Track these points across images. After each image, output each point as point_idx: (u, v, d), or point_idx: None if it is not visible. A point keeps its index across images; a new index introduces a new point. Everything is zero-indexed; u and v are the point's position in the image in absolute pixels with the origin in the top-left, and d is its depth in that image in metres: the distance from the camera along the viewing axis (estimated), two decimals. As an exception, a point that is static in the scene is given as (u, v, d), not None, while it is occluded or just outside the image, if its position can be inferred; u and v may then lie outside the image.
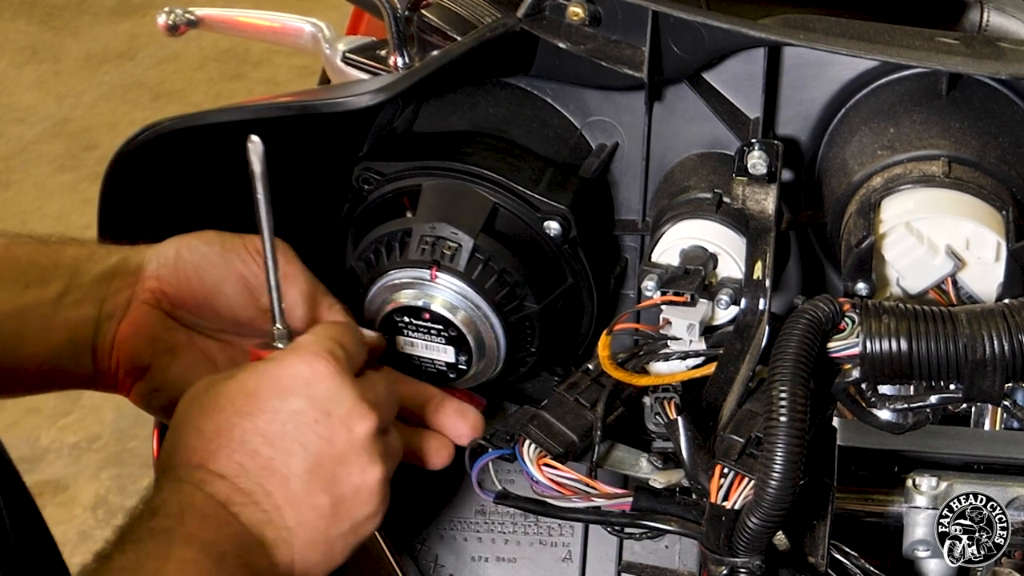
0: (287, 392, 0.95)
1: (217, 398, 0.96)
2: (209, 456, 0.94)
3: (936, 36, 1.07)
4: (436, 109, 1.15)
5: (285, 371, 0.96)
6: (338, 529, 0.97)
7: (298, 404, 0.95)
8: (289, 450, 0.94)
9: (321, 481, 0.95)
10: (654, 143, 1.13)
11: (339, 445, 0.95)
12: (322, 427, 0.95)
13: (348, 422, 0.95)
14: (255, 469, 0.94)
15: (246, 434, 0.94)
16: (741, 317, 1.01)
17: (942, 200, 1.00)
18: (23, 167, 3.81)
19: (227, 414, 0.95)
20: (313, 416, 0.95)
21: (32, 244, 1.09)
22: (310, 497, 0.95)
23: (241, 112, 1.11)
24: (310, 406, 0.95)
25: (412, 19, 1.17)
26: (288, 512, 0.95)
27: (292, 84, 3.94)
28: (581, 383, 1.05)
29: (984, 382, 0.92)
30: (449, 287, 1.06)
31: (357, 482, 0.96)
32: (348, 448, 0.96)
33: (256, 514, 0.94)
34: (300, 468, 0.94)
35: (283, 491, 0.94)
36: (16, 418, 2.99)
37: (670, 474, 1.02)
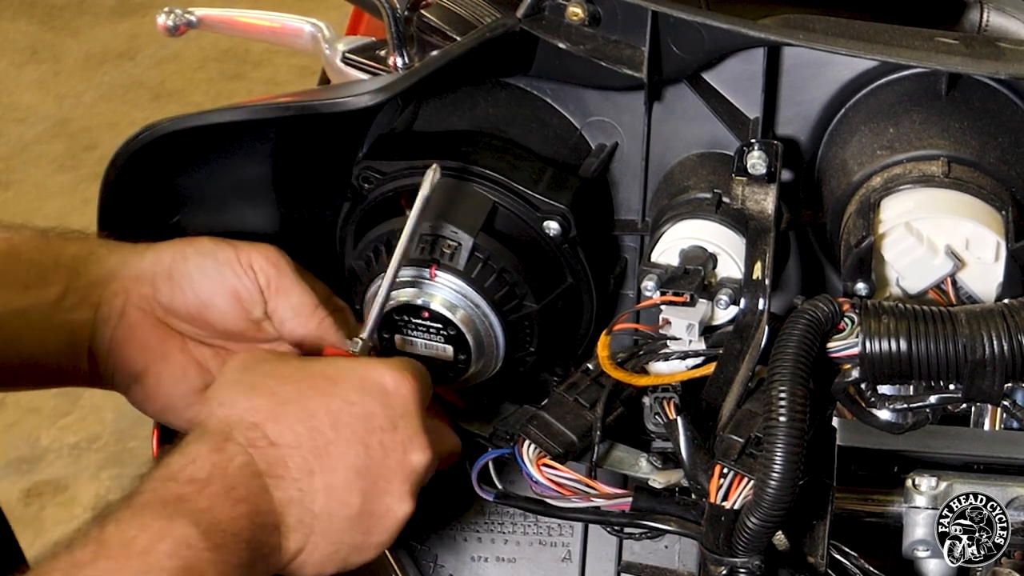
0: (366, 392, 0.97)
1: (295, 371, 0.97)
2: (274, 418, 0.95)
3: (936, 36, 1.07)
4: (436, 109, 1.15)
5: (372, 373, 0.97)
6: (352, 537, 0.97)
7: (372, 407, 0.96)
8: (349, 441, 0.95)
9: (362, 484, 0.96)
10: (654, 143, 1.13)
11: (392, 462, 0.97)
12: (386, 437, 0.96)
13: (408, 445, 0.97)
14: (310, 446, 0.95)
15: (318, 409, 0.95)
16: (741, 317, 1.01)
17: (942, 200, 1.00)
18: (23, 167, 3.81)
19: (303, 387, 0.96)
20: (381, 424, 0.96)
21: (34, 240, 1.09)
22: (346, 493, 0.96)
23: (241, 112, 1.11)
24: (383, 413, 0.96)
25: (412, 19, 1.17)
26: (321, 498, 0.95)
27: (292, 84, 3.94)
28: (581, 383, 1.05)
29: (984, 382, 0.92)
30: (448, 286, 1.06)
31: (389, 504, 0.97)
32: (398, 468, 0.97)
33: (290, 492, 0.94)
34: (351, 463, 0.95)
35: (326, 478, 0.95)
36: (16, 418, 2.99)
37: (669, 474, 1.02)
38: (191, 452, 0.93)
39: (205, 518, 0.89)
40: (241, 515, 0.91)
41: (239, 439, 0.94)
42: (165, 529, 0.88)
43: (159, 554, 0.87)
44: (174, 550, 0.87)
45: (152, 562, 0.86)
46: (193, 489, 0.90)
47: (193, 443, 0.94)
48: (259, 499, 0.93)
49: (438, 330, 1.07)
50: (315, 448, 0.95)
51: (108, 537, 0.87)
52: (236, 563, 0.91)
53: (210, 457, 0.92)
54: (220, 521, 0.90)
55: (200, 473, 0.91)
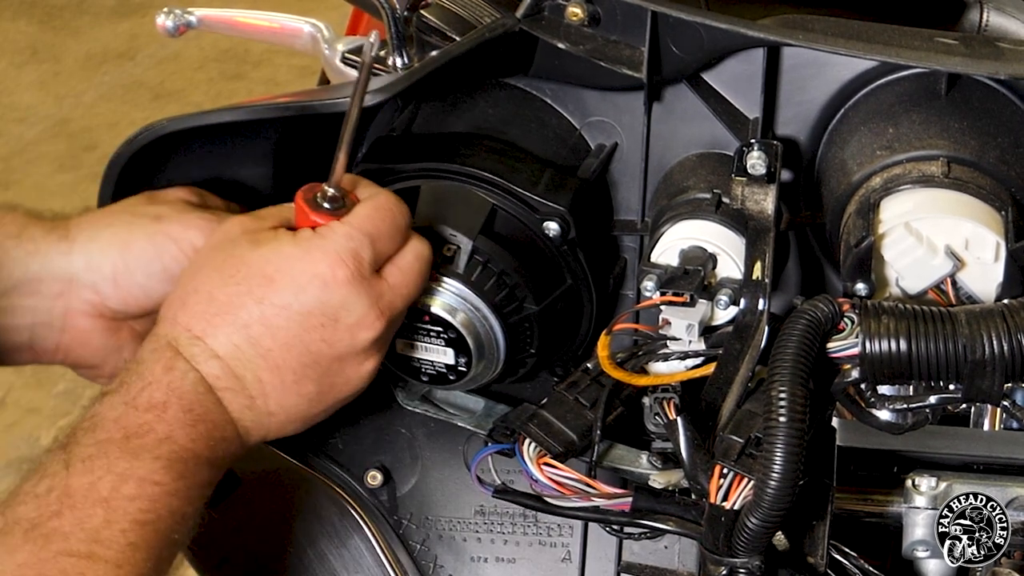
0: (301, 290, 0.97)
1: (238, 267, 0.97)
2: (211, 330, 0.96)
3: (935, 36, 1.07)
4: (435, 110, 1.15)
5: (307, 267, 0.97)
6: (320, 407, 1.00)
7: (309, 305, 0.97)
8: (289, 345, 0.97)
9: (313, 374, 0.98)
10: (653, 143, 1.13)
11: (340, 348, 0.98)
12: (328, 331, 0.97)
13: (354, 330, 0.98)
14: (252, 356, 0.96)
15: (252, 320, 0.96)
16: (740, 317, 1.01)
17: (941, 200, 1.00)
18: (23, 167, 3.81)
19: (240, 290, 0.97)
20: (320, 320, 0.97)
21: None
22: (298, 386, 0.98)
23: (241, 112, 1.11)
24: (320, 310, 0.97)
25: (411, 19, 1.17)
26: (273, 398, 0.97)
27: (292, 84, 3.94)
28: (581, 382, 1.05)
29: (983, 382, 0.92)
30: (448, 289, 1.06)
31: (350, 374, 1.00)
32: (348, 351, 0.99)
33: (242, 399, 0.97)
34: (296, 363, 0.97)
35: (273, 380, 0.97)
36: (16, 418, 2.99)
37: (669, 474, 1.02)
38: (147, 374, 0.94)
39: (167, 447, 0.92)
40: (200, 436, 0.94)
41: (186, 354, 0.95)
42: (129, 469, 0.90)
43: (123, 498, 0.89)
44: (138, 491, 0.90)
45: (117, 507, 0.89)
46: (153, 416, 0.92)
47: (147, 361, 0.95)
48: (214, 414, 0.95)
49: (438, 333, 1.07)
50: (256, 356, 0.96)
51: (74, 482, 0.89)
52: (200, 483, 0.94)
53: (164, 377, 0.94)
54: (182, 447, 0.93)
55: (157, 395, 0.93)
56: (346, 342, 0.98)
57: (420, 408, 1.17)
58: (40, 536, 0.87)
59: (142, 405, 0.93)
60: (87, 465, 0.90)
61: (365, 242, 0.98)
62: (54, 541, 0.87)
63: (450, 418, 1.17)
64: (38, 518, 0.87)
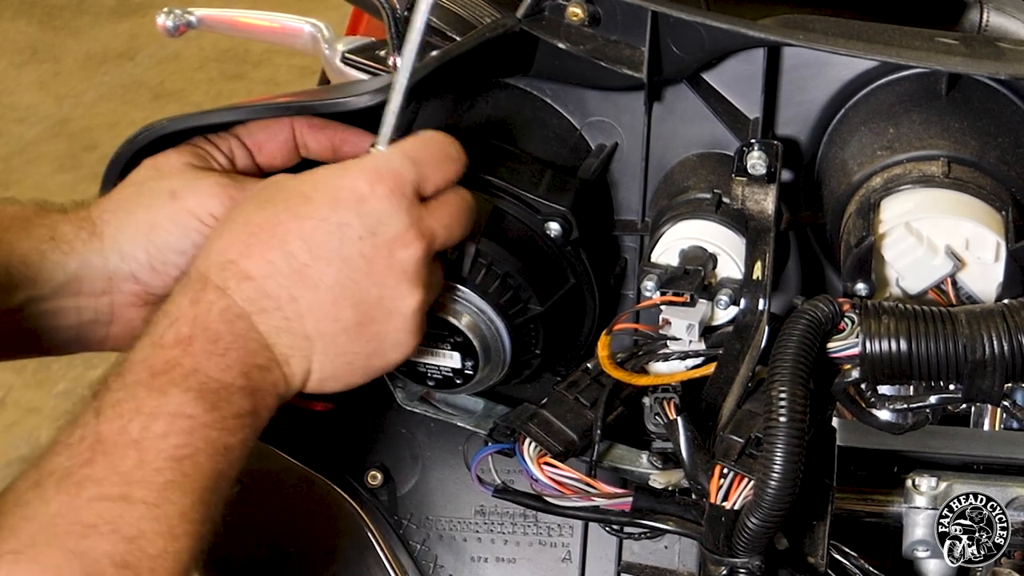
0: (339, 204, 0.95)
1: (275, 193, 0.97)
2: (246, 250, 0.94)
3: (936, 36, 1.07)
4: (435, 110, 1.15)
5: (344, 183, 0.96)
6: (360, 346, 0.97)
7: (347, 217, 0.95)
8: (327, 259, 0.95)
9: (351, 296, 0.95)
10: (653, 143, 1.13)
11: (378, 266, 0.95)
12: (365, 245, 0.95)
13: (392, 246, 0.96)
14: (287, 272, 0.94)
15: (289, 234, 0.94)
16: (740, 317, 1.01)
17: (941, 200, 1.00)
18: (23, 167, 3.82)
19: (277, 210, 0.95)
20: (358, 233, 0.95)
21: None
22: (335, 309, 0.95)
23: (241, 112, 1.11)
24: (358, 222, 0.95)
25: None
26: (309, 320, 0.95)
27: (292, 84, 3.94)
28: (581, 382, 1.05)
29: (984, 382, 0.92)
30: (453, 293, 1.05)
31: (389, 306, 0.96)
32: (386, 271, 0.96)
33: (276, 320, 0.94)
34: (332, 280, 0.95)
35: (309, 299, 0.94)
36: (16, 418, 2.99)
37: (670, 474, 1.02)
38: (173, 310, 0.93)
39: (195, 380, 0.90)
40: (231, 364, 0.91)
41: (215, 281, 0.94)
42: (158, 406, 0.88)
43: (154, 437, 0.87)
44: (170, 426, 0.87)
45: (149, 447, 0.87)
46: (179, 351, 0.90)
47: (175, 298, 0.94)
48: (246, 340, 0.93)
49: (444, 338, 1.07)
50: (291, 273, 0.94)
51: (104, 427, 0.87)
52: (237, 413, 0.91)
53: (191, 311, 0.92)
54: (211, 378, 0.90)
55: (183, 330, 0.91)
56: (384, 258, 0.95)
57: (419, 408, 1.17)
58: (73, 484, 0.85)
59: (168, 342, 0.91)
60: (116, 410, 0.88)
61: (407, 163, 0.97)
62: (87, 487, 0.85)
63: (450, 418, 1.17)
64: (70, 467, 0.86)
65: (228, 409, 0.90)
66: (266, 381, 0.94)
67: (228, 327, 0.92)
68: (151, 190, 1.07)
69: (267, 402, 0.94)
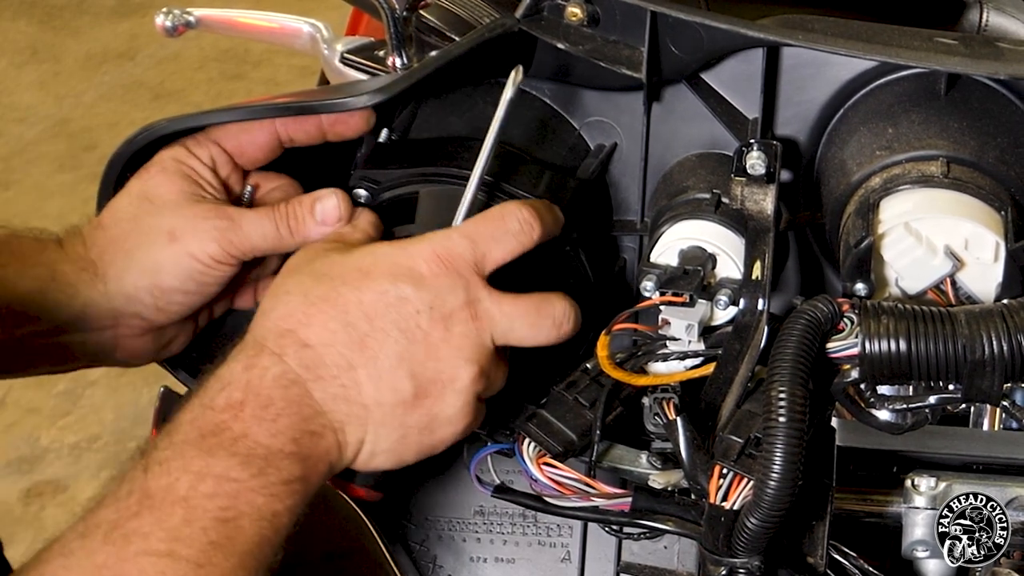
0: (398, 279, 0.96)
1: (331, 267, 0.97)
2: (306, 320, 0.95)
3: (935, 36, 1.07)
4: (434, 110, 1.15)
5: (402, 259, 0.97)
6: (415, 420, 0.97)
7: (406, 292, 0.96)
8: (386, 330, 0.95)
9: (409, 367, 0.96)
10: (653, 143, 1.13)
11: (435, 340, 0.96)
12: (423, 319, 0.96)
13: (448, 321, 0.96)
14: (346, 340, 0.95)
15: (349, 304, 0.95)
16: (740, 317, 1.01)
17: (941, 200, 1.00)
18: (23, 167, 3.82)
19: (335, 283, 0.96)
20: (416, 307, 0.96)
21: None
22: (394, 379, 0.95)
23: (241, 112, 1.11)
24: (416, 297, 0.96)
25: (410, 20, 1.17)
26: (368, 389, 0.95)
27: (292, 84, 3.94)
28: (580, 382, 1.05)
29: (983, 382, 0.92)
30: None
31: (445, 379, 0.97)
32: (442, 345, 0.96)
33: (333, 388, 0.94)
34: (392, 351, 0.95)
35: (368, 368, 0.95)
36: (16, 418, 2.99)
37: (669, 474, 1.02)
38: (226, 375, 0.94)
39: (243, 445, 0.90)
40: (281, 430, 0.92)
41: (272, 349, 0.94)
42: (205, 467, 0.89)
43: (201, 496, 0.88)
44: (216, 488, 0.88)
45: (196, 506, 0.87)
46: (229, 416, 0.91)
47: (229, 363, 0.94)
48: (300, 406, 0.93)
49: None
50: (351, 342, 0.95)
51: (152, 483, 0.88)
52: (286, 479, 0.91)
53: (243, 376, 0.93)
54: (259, 444, 0.90)
55: (235, 395, 0.92)
56: (440, 333, 0.96)
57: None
58: (119, 537, 0.86)
59: (219, 405, 0.92)
60: (164, 467, 0.89)
61: (463, 242, 0.98)
62: (133, 541, 0.86)
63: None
64: (117, 520, 0.87)
65: (276, 475, 0.91)
66: (318, 448, 0.94)
67: (282, 393, 0.93)
68: (148, 228, 1.07)
69: (318, 469, 0.94)
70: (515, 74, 1.01)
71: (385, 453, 0.97)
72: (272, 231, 1.07)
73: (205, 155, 1.10)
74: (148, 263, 1.07)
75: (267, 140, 1.11)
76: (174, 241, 1.06)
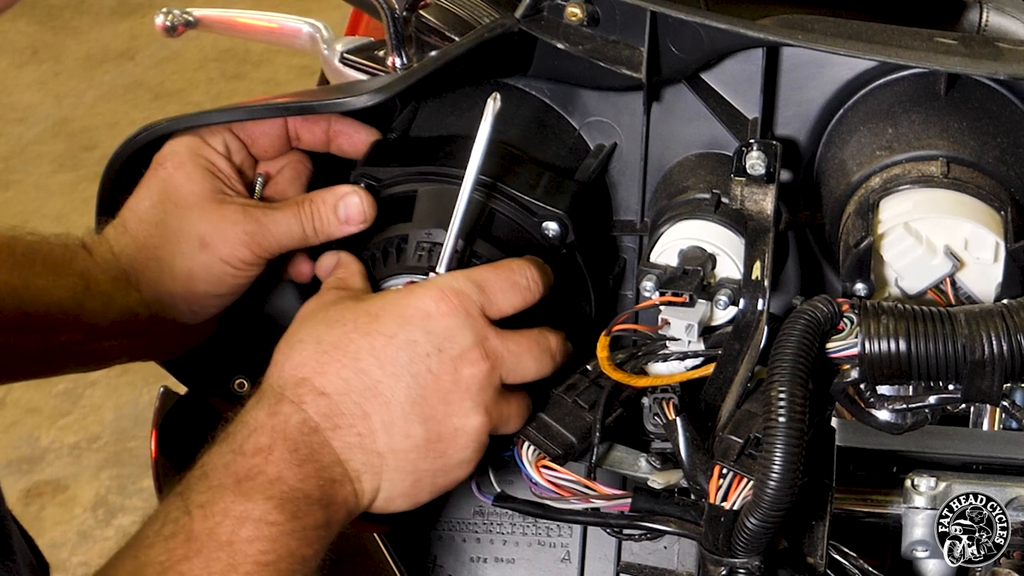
0: (406, 321, 0.97)
1: (342, 313, 0.99)
2: (319, 367, 0.96)
3: (935, 36, 1.07)
4: (434, 110, 1.15)
5: (410, 301, 0.98)
6: (428, 464, 0.98)
7: (414, 334, 0.97)
8: (397, 375, 0.96)
9: (421, 413, 0.97)
10: (652, 143, 1.13)
11: (445, 382, 0.97)
12: (433, 361, 0.97)
13: (457, 363, 0.97)
14: (360, 388, 0.96)
15: (360, 351, 0.96)
16: (740, 317, 1.01)
17: (941, 200, 1.00)
18: (23, 167, 3.82)
19: (347, 329, 0.97)
20: (426, 350, 0.97)
21: None
22: (407, 426, 0.96)
23: (240, 112, 1.12)
24: (425, 339, 0.97)
25: (410, 20, 1.17)
26: (382, 437, 0.96)
27: (292, 84, 3.94)
28: (579, 384, 1.05)
29: (983, 382, 0.92)
30: None
31: (456, 424, 0.98)
32: (452, 387, 0.97)
33: (349, 437, 0.96)
34: (404, 396, 0.96)
35: (382, 415, 0.96)
36: (16, 418, 2.99)
37: (669, 475, 1.02)
38: (251, 421, 0.95)
39: (278, 488, 0.92)
40: (308, 475, 0.93)
41: (291, 396, 0.95)
42: (245, 512, 0.90)
43: (242, 541, 0.90)
44: (256, 532, 0.90)
45: (238, 550, 0.89)
46: (260, 459, 0.93)
47: (252, 410, 0.96)
48: (321, 454, 0.95)
49: None
50: (364, 389, 0.96)
51: (196, 527, 0.90)
52: (315, 524, 0.93)
53: (269, 422, 0.94)
54: (292, 487, 0.92)
55: (263, 440, 0.94)
56: (450, 375, 0.97)
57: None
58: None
59: (249, 450, 0.93)
60: (205, 511, 0.91)
61: (470, 285, 0.99)
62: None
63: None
64: (167, 561, 0.88)
65: (307, 520, 0.93)
66: (339, 495, 0.95)
67: (305, 439, 0.94)
68: (177, 234, 1.09)
69: (338, 516, 0.96)
70: (492, 103, 1.01)
71: (400, 498, 0.99)
72: (299, 231, 1.09)
73: (219, 143, 1.11)
74: (180, 270, 1.09)
75: (279, 133, 1.13)
76: (205, 248, 1.08)
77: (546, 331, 1.03)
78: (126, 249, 1.10)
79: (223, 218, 1.08)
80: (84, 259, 1.10)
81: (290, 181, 1.14)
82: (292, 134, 1.13)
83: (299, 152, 1.15)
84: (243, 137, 1.13)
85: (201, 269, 1.08)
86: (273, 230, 1.08)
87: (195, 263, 1.08)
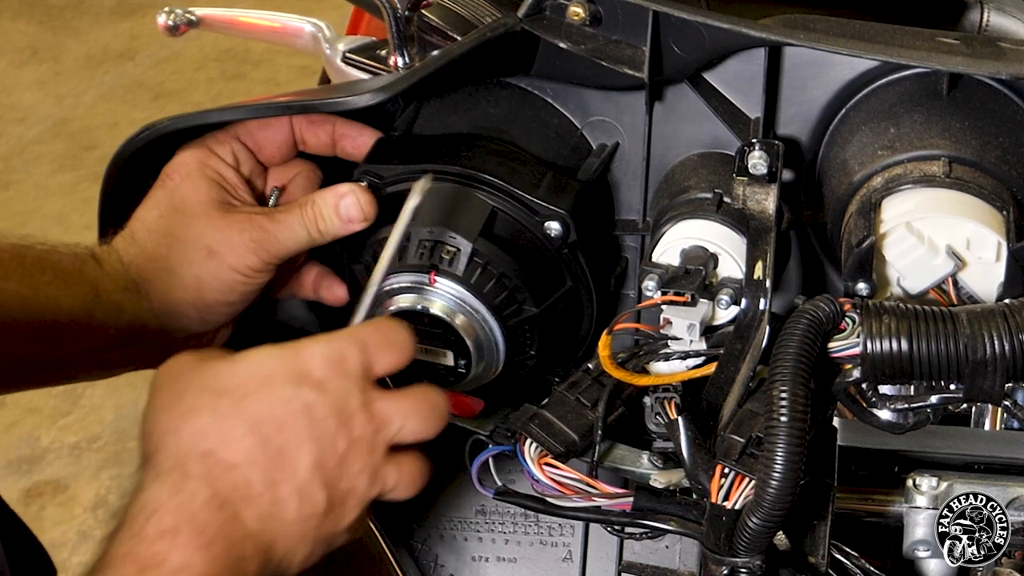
0: (301, 384, 0.94)
1: (224, 379, 0.95)
2: (222, 439, 0.92)
3: (936, 36, 1.07)
4: (436, 109, 1.15)
5: (301, 363, 0.95)
6: (328, 529, 0.96)
7: (310, 397, 0.94)
8: (300, 439, 0.93)
9: (322, 478, 0.94)
10: (655, 143, 1.13)
11: (340, 446, 0.95)
12: (331, 424, 0.94)
13: (350, 425, 0.95)
14: (266, 457, 0.93)
15: (262, 417, 0.93)
16: (742, 317, 1.01)
17: (943, 200, 1.00)
18: (23, 167, 3.81)
19: (241, 395, 0.94)
20: (323, 413, 0.94)
21: None
22: (311, 491, 0.94)
23: (241, 112, 1.12)
24: (321, 401, 0.94)
25: (412, 19, 1.17)
26: (291, 504, 0.93)
27: (292, 84, 3.94)
28: (582, 382, 1.05)
29: (984, 382, 0.92)
30: (448, 291, 1.05)
31: (348, 487, 0.95)
32: (348, 451, 0.95)
33: (261, 508, 0.92)
34: (307, 461, 0.94)
35: (289, 483, 0.93)
36: (16, 418, 2.99)
37: (670, 474, 1.02)
38: (152, 500, 0.91)
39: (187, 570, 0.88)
40: (216, 557, 0.90)
41: (196, 472, 0.91)
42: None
43: None
44: None
45: None
46: (165, 545, 0.89)
47: (151, 487, 0.91)
48: (231, 531, 0.91)
49: (438, 335, 1.07)
50: (270, 457, 0.93)
51: None
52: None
53: (172, 501, 0.90)
54: (200, 573, 0.89)
55: (167, 522, 0.89)
56: (345, 438, 0.95)
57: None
58: None
59: (151, 535, 0.89)
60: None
61: (352, 347, 0.96)
62: None
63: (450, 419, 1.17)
64: None
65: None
66: (248, 571, 0.92)
67: (213, 517, 0.90)
68: (185, 242, 1.09)
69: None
70: (424, 182, 1.01)
71: (299, 565, 0.96)
72: (304, 235, 1.09)
73: (227, 154, 1.12)
74: (190, 280, 1.09)
75: (285, 138, 1.14)
76: (213, 257, 1.08)
77: (426, 388, 1.00)
78: (135, 259, 1.11)
79: (229, 226, 1.09)
80: (94, 269, 1.10)
81: (303, 191, 1.14)
82: (298, 138, 1.14)
83: (309, 161, 1.16)
84: (250, 145, 1.13)
85: (210, 277, 1.09)
86: (279, 236, 1.09)
87: (204, 271, 1.09)
